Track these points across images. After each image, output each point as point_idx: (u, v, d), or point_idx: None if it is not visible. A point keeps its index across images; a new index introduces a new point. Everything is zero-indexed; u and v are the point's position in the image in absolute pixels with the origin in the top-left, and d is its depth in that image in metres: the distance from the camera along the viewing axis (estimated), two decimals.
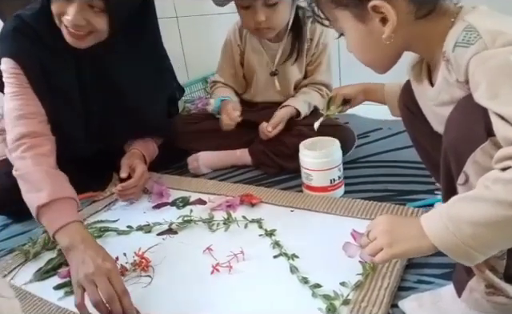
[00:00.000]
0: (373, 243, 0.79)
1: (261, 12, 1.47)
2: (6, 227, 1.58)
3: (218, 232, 1.31)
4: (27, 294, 1.16)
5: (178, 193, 1.55)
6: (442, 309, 0.90)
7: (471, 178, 0.72)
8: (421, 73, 0.91)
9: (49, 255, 1.30)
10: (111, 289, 0.97)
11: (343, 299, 0.98)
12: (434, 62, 0.84)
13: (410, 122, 1.06)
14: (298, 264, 1.11)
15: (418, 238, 0.73)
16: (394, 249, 0.76)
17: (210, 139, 1.71)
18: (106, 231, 1.38)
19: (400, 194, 1.33)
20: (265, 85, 1.72)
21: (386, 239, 0.77)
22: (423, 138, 1.03)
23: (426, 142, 1.03)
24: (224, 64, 1.75)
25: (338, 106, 1.31)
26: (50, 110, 1.37)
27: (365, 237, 0.83)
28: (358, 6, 0.80)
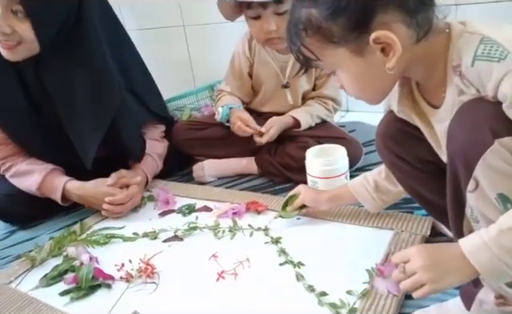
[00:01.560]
0: (412, 278, 0.75)
1: (271, 21, 1.47)
2: (12, 234, 1.58)
3: (223, 239, 1.30)
4: (33, 300, 1.16)
5: (183, 200, 1.55)
6: None
7: (481, 183, 0.71)
8: (414, 102, 0.90)
9: (55, 262, 1.30)
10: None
11: (350, 308, 0.97)
12: (435, 81, 0.81)
13: (399, 168, 1.02)
14: (303, 272, 1.11)
15: (462, 269, 0.72)
16: (440, 284, 0.74)
17: (216, 147, 1.71)
18: (111, 238, 1.38)
19: (407, 202, 1.31)
20: (273, 96, 1.71)
21: (429, 275, 0.74)
22: (415, 182, 1.01)
23: (419, 185, 1.01)
24: (231, 75, 1.74)
25: (295, 208, 1.28)
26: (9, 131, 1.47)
27: (397, 271, 0.79)
28: (356, 41, 0.76)
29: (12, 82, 1.43)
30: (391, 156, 1.01)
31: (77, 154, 1.50)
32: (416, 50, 0.78)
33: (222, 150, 1.71)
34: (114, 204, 1.47)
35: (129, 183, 1.52)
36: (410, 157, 0.98)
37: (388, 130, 1.00)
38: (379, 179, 1.15)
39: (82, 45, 1.41)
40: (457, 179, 0.77)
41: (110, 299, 1.12)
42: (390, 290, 0.88)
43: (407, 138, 0.96)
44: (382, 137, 1.02)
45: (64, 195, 1.50)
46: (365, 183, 1.17)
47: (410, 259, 0.76)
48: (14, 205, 1.56)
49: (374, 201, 1.18)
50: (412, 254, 0.77)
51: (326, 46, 0.79)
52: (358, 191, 1.19)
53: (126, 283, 1.17)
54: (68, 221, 1.56)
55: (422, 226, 1.19)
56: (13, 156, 1.52)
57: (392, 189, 1.14)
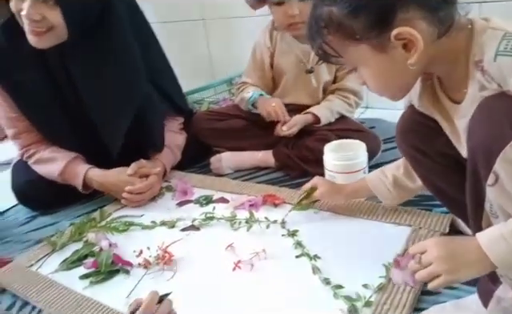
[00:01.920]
0: (428, 269, 0.76)
1: (294, 6, 1.49)
2: (33, 219, 1.62)
3: (240, 231, 1.31)
4: (53, 283, 1.19)
5: (201, 191, 1.57)
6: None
7: (501, 177, 0.71)
8: (435, 97, 0.90)
9: (75, 246, 1.33)
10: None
11: (365, 301, 0.97)
12: (457, 77, 0.81)
13: (418, 162, 1.02)
14: (319, 265, 1.11)
15: (479, 261, 0.72)
16: (455, 276, 0.74)
17: (234, 138, 1.73)
18: (130, 226, 1.41)
19: (426, 199, 1.31)
20: (294, 85, 1.71)
21: (444, 266, 0.74)
22: (435, 176, 1.01)
23: (439, 179, 1.01)
24: (252, 66, 1.76)
25: (311, 201, 1.29)
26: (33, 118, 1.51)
27: (413, 262, 0.80)
28: (377, 37, 0.76)
29: (38, 69, 1.46)
30: (411, 150, 1.01)
31: (99, 143, 1.54)
32: (438, 46, 0.78)
33: (241, 142, 1.73)
34: (133, 193, 1.50)
35: (148, 174, 1.54)
36: (430, 151, 0.98)
37: (409, 124, 1.00)
38: (398, 174, 1.15)
39: (109, 35, 1.44)
40: (477, 174, 0.77)
41: (128, 285, 1.14)
42: (406, 281, 0.88)
43: (428, 131, 0.95)
44: (403, 130, 1.02)
45: (85, 182, 1.53)
46: (383, 177, 1.17)
47: (426, 251, 0.77)
48: (35, 191, 1.60)
49: (391, 196, 1.18)
50: (429, 245, 0.77)
51: (348, 43, 0.79)
52: (376, 186, 1.19)
53: (143, 269, 1.19)
54: (88, 208, 1.59)
55: (440, 223, 1.18)
56: (36, 143, 1.56)
57: (410, 185, 1.14)
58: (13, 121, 1.53)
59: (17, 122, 1.53)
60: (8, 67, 1.45)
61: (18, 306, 1.16)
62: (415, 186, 1.14)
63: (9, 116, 1.52)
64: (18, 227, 1.58)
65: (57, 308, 1.09)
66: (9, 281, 1.22)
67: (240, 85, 1.79)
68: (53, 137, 1.56)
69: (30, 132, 1.54)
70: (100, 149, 1.54)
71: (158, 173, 1.56)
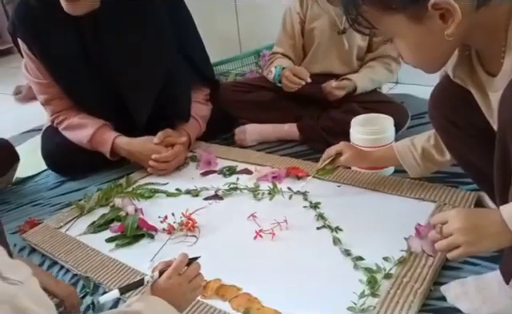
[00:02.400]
0: (448, 239, 0.76)
1: None
2: (61, 184, 1.67)
3: (262, 201, 1.32)
4: (81, 244, 1.23)
5: (225, 162, 1.58)
6: (488, 297, 0.87)
7: None
8: (471, 69, 0.87)
9: (102, 211, 1.37)
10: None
11: (385, 273, 0.97)
12: (494, 49, 0.79)
13: (450, 133, 1.01)
14: (341, 237, 1.11)
15: (500, 234, 0.72)
16: (475, 247, 0.74)
17: (261, 111, 1.72)
18: (155, 193, 1.43)
19: (452, 176, 1.29)
20: (325, 52, 1.68)
21: (465, 238, 0.74)
22: (466, 149, 0.99)
23: (469, 152, 0.99)
24: (283, 35, 1.73)
25: (334, 167, 1.28)
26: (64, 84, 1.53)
27: (434, 232, 0.79)
28: (414, 8, 0.74)
29: (70, 36, 1.48)
30: (443, 121, 1.00)
31: (127, 112, 1.56)
32: (476, 17, 0.75)
33: (267, 114, 1.72)
34: (159, 161, 1.52)
35: (174, 143, 1.56)
36: (462, 122, 0.96)
37: (443, 95, 0.98)
38: (427, 146, 1.14)
39: (140, 4, 1.47)
40: (506, 147, 0.75)
41: (153, 249, 1.17)
42: (425, 249, 0.88)
43: (462, 103, 0.93)
44: (436, 100, 1.01)
45: (113, 149, 1.56)
46: (412, 148, 1.16)
47: (448, 221, 0.76)
48: (64, 157, 1.64)
49: (418, 168, 1.17)
50: (451, 216, 0.77)
51: (384, 13, 0.78)
52: (404, 157, 1.18)
53: (167, 234, 1.22)
54: (114, 175, 1.63)
55: (466, 200, 1.16)
56: (67, 110, 1.60)
57: (438, 158, 1.13)
58: (44, 87, 1.56)
59: (48, 88, 1.56)
60: (41, 33, 1.48)
61: (47, 265, 1.21)
62: (443, 159, 1.13)
63: (41, 82, 1.56)
64: (48, 191, 1.63)
65: (84, 268, 1.13)
66: (38, 241, 1.27)
67: (271, 56, 1.77)
68: (83, 104, 1.59)
69: (61, 99, 1.58)
70: (128, 118, 1.56)
71: (183, 143, 1.58)
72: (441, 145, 1.11)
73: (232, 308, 0.96)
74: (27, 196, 1.62)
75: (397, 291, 0.92)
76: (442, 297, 0.92)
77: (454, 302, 0.90)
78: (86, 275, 1.11)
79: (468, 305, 0.88)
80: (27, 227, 1.34)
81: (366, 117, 1.40)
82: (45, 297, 0.62)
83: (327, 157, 1.27)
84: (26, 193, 1.65)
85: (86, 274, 1.12)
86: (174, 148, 1.56)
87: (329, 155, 1.26)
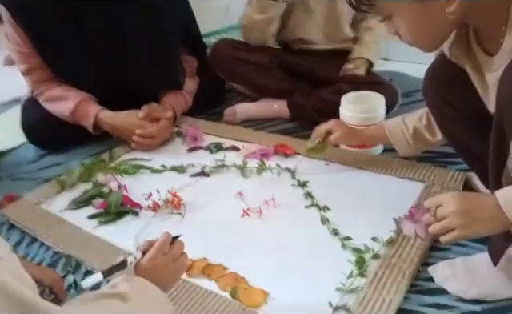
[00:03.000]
0: (442, 222, 0.75)
1: None
2: (42, 158, 1.61)
3: (250, 179, 1.30)
4: (62, 221, 1.20)
5: (212, 138, 1.55)
6: (476, 278, 0.87)
7: None
8: (468, 48, 0.86)
9: (84, 187, 1.33)
10: None
11: (373, 253, 0.97)
12: (494, 28, 0.77)
13: (444, 113, 0.99)
14: (329, 216, 1.10)
15: (495, 219, 0.71)
16: (469, 231, 0.73)
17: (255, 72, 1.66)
18: (140, 169, 1.40)
19: (441, 156, 1.28)
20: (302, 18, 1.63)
21: (460, 221, 0.73)
22: (459, 129, 0.98)
23: (463, 132, 0.98)
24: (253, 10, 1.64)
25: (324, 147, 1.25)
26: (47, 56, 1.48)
27: (428, 215, 0.78)
28: None
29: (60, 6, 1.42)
30: (438, 100, 0.98)
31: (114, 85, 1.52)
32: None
33: (260, 79, 1.66)
34: (144, 137, 1.48)
35: (159, 117, 1.52)
36: (456, 102, 0.95)
37: (438, 73, 0.97)
38: (419, 126, 1.13)
39: None
40: (502, 129, 0.74)
41: (137, 226, 1.14)
42: (418, 233, 0.87)
43: (457, 83, 0.92)
44: (431, 79, 0.99)
45: (96, 123, 1.51)
46: (403, 127, 1.15)
47: (442, 205, 0.75)
48: (45, 130, 1.59)
49: (408, 147, 1.16)
50: (445, 199, 0.75)
51: None
52: (395, 136, 1.17)
53: (152, 212, 1.19)
54: (97, 149, 1.58)
55: (454, 180, 1.16)
56: (48, 81, 1.54)
57: (429, 138, 1.12)
58: (25, 56, 1.50)
59: (29, 57, 1.49)
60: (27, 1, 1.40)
61: (26, 242, 1.17)
62: (434, 139, 1.12)
63: (22, 51, 1.49)
64: (27, 165, 1.58)
65: (65, 246, 1.10)
66: (17, 217, 1.23)
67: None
68: (67, 76, 1.52)
69: (43, 69, 1.51)
70: (113, 91, 1.52)
71: (169, 117, 1.54)
72: (432, 125, 1.10)
73: (219, 288, 0.94)
74: (5, 170, 1.56)
75: (385, 271, 0.92)
76: (429, 278, 0.92)
77: (442, 283, 0.90)
78: (68, 253, 1.08)
79: (456, 286, 0.88)
80: (5, 203, 1.29)
81: (357, 94, 1.37)
82: (25, 275, 0.59)
83: (317, 136, 1.24)
84: (4, 167, 1.59)
85: (67, 252, 1.08)
86: (159, 123, 1.51)
87: (318, 134, 1.23)
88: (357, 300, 0.86)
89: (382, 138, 1.21)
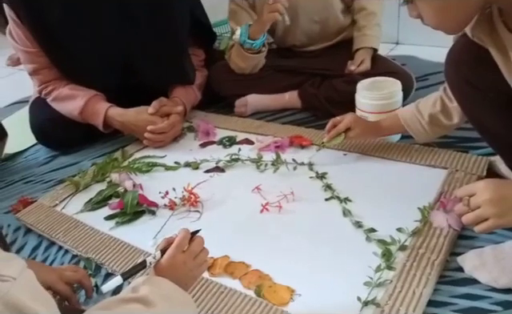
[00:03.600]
0: (476, 211, 0.72)
1: None
2: (53, 159, 1.60)
3: (266, 172, 1.28)
4: (79, 223, 1.18)
5: (224, 132, 1.52)
6: (506, 267, 0.84)
7: None
8: (492, 28, 0.82)
9: (99, 187, 1.31)
10: None
11: (400, 245, 0.94)
12: None
13: (467, 95, 0.96)
14: (350, 208, 1.08)
15: None
16: (505, 219, 0.71)
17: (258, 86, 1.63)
18: (154, 166, 1.38)
19: (461, 141, 1.25)
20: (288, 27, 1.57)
21: (495, 209, 0.71)
22: (483, 111, 0.95)
23: (487, 115, 0.95)
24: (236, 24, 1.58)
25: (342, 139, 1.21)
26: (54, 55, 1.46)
27: (461, 205, 0.76)
28: None
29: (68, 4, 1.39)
30: (461, 82, 0.95)
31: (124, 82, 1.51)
32: None
33: (266, 87, 1.63)
34: (155, 133, 1.46)
35: (170, 112, 1.49)
36: (480, 84, 0.91)
37: (460, 55, 0.94)
38: (434, 112, 1.10)
39: None
40: None
41: (155, 226, 1.12)
42: (451, 224, 0.84)
43: (480, 64, 0.89)
44: (455, 61, 0.96)
45: (105, 121, 1.49)
46: (419, 116, 1.12)
47: (476, 193, 0.72)
48: (55, 130, 1.56)
49: (425, 134, 1.14)
50: (479, 188, 0.73)
51: None
52: (411, 125, 1.14)
53: (169, 210, 1.17)
54: (108, 148, 1.56)
55: (477, 166, 1.13)
56: (56, 80, 1.51)
57: (446, 122, 1.10)
58: (32, 56, 1.47)
59: (37, 57, 1.47)
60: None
61: (44, 246, 1.16)
62: (451, 123, 1.10)
63: (29, 51, 1.46)
64: (39, 167, 1.56)
65: (84, 249, 1.09)
66: (34, 221, 1.21)
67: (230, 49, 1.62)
68: (75, 74, 1.50)
69: (50, 68, 1.49)
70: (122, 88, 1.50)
71: (179, 112, 1.51)
72: (448, 109, 1.08)
73: (243, 286, 0.92)
74: (18, 173, 1.55)
75: (413, 263, 0.89)
76: (459, 268, 0.89)
77: (472, 273, 0.87)
78: (87, 255, 1.07)
79: (486, 275, 0.85)
80: (21, 206, 1.28)
81: (373, 81, 1.33)
82: (42, 291, 0.58)
83: (336, 133, 1.20)
84: (16, 169, 1.58)
85: (86, 254, 1.07)
86: (169, 118, 1.49)
87: (337, 131, 1.20)
88: (386, 294, 0.84)
89: (399, 128, 1.18)
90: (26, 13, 1.39)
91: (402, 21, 2.05)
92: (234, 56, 1.59)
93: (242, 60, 1.58)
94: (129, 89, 1.52)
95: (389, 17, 2.00)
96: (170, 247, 0.78)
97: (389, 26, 2.03)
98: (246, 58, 1.56)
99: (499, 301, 0.82)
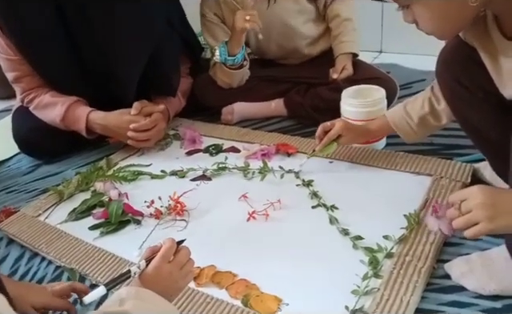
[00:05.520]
0: (466, 216, 0.72)
1: None
2: (37, 168, 1.57)
3: (253, 181, 1.27)
4: (63, 233, 1.16)
5: (210, 140, 1.51)
6: (494, 274, 0.85)
7: None
8: (485, 31, 0.84)
9: (83, 196, 1.29)
10: None
11: (387, 252, 0.95)
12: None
13: (458, 96, 0.97)
14: (337, 215, 1.08)
15: None
16: (495, 223, 0.70)
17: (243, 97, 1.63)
18: (139, 175, 1.36)
19: (446, 148, 1.26)
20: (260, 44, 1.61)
21: (486, 213, 0.70)
22: (473, 112, 0.96)
23: (477, 116, 0.96)
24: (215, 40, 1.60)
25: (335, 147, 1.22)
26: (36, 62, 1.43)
27: (453, 209, 0.75)
28: None
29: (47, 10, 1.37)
30: (452, 82, 0.96)
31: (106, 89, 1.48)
32: None
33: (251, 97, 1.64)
34: (138, 131, 1.42)
35: (152, 112, 1.46)
36: (472, 85, 0.93)
37: (452, 55, 0.95)
38: (423, 114, 1.11)
39: None
40: None
41: (140, 235, 1.11)
42: (442, 229, 0.84)
43: (472, 65, 0.90)
44: (446, 61, 0.97)
45: (88, 126, 1.46)
46: (407, 119, 1.13)
47: (468, 198, 0.72)
48: (38, 139, 1.54)
49: (415, 135, 1.15)
50: (471, 193, 0.73)
51: None
52: (400, 127, 1.15)
53: (155, 219, 1.15)
54: (93, 157, 1.54)
55: (462, 172, 1.14)
56: (37, 88, 1.49)
57: (434, 123, 1.11)
58: (15, 63, 1.44)
59: (19, 65, 1.44)
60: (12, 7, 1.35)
61: (27, 257, 1.13)
62: (439, 124, 1.11)
63: (11, 58, 1.43)
64: (22, 177, 1.53)
65: (68, 259, 1.07)
66: (16, 231, 1.19)
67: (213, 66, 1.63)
68: (56, 82, 1.48)
69: (33, 76, 1.47)
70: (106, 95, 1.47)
71: (161, 110, 1.48)
72: (436, 110, 1.09)
73: (230, 296, 0.91)
74: (0, 183, 1.51)
75: (400, 271, 0.90)
76: (445, 275, 0.90)
77: (459, 280, 0.88)
78: (71, 266, 1.05)
79: (474, 282, 0.86)
80: (3, 217, 1.25)
81: (357, 89, 1.34)
82: None
83: (327, 141, 1.20)
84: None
85: (70, 265, 1.05)
86: (152, 116, 1.45)
87: (329, 139, 1.20)
88: (373, 303, 0.84)
89: (388, 130, 1.19)
90: (5, 21, 1.37)
91: (385, 29, 2.08)
92: (219, 74, 1.60)
93: (227, 77, 1.59)
94: (111, 96, 1.49)
95: (372, 25, 2.03)
96: (156, 257, 0.77)
97: (372, 35, 2.06)
98: (230, 75, 1.58)
99: (486, 308, 0.83)
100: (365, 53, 1.60)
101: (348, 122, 1.24)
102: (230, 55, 1.53)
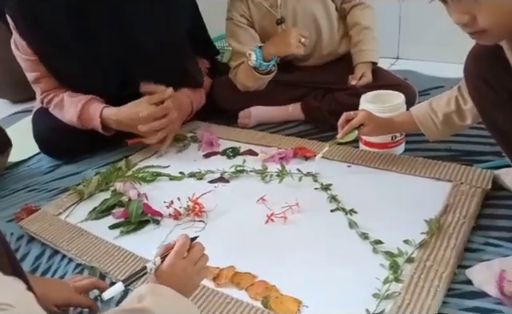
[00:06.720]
0: None
1: None
2: (57, 168, 1.59)
3: (271, 184, 1.28)
4: (83, 232, 1.17)
5: (227, 143, 1.52)
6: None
7: None
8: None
9: (103, 196, 1.31)
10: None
11: (407, 257, 0.94)
12: None
13: (483, 94, 0.97)
14: (356, 220, 1.08)
15: None
16: None
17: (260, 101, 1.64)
18: (158, 176, 1.38)
19: (465, 154, 1.26)
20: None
21: None
22: (498, 112, 0.95)
23: (501, 116, 0.95)
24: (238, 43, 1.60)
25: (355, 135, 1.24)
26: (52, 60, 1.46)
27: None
28: None
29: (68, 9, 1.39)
30: (479, 80, 0.96)
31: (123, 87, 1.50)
32: None
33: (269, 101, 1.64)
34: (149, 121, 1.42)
35: (162, 99, 1.44)
36: (498, 85, 0.92)
37: (482, 52, 0.94)
38: (448, 112, 1.11)
39: None
40: None
41: (159, 235, 1.12)
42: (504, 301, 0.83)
43: (500, 64, 0.89)
44: (475, 58, 0.96)
45: (103, 122, 1.47)
46: (432, 115, 1.13)
47: None
48: (58, 139, 1.56)
49: (438, 133, 1.15)
50: None
51: None
52: (424, 124, 1.15)
53: (174, 220, 1.17)
54: (112, 158, 1.56)
55: (482, 179, 1.13)
56: (56, 89, 1.51)
57: (458, 122, 1.11)
58: (33, 64, 1.47)
59: (37, 65, 1.47)
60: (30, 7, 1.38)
61: (48, 255, 1.15)
62: (463, 124, 1.11)
63: (30, 59, 1.46)
64: (43, 176, 1.55)
65: (88, 258, 1.08)
66: (37, 230, 1.21)
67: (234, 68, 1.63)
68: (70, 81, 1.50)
69: (51, 77, 1.49)
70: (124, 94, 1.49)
71: (171, 94, 1.45)
72: (462, 109, 1.09)
73: (249, 297, 0.92)
74: (21, 181, 1.54)
75: (421, 275, 0.89)
76: (467, 281, 0.89)
77: (481, 286, 0.87)
78: (91, 264, 1.06)
79: (496, 289, 0.85)
80: (24, 215, 1.27)
81: (376, 94, 1.34)
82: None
83: (349, 129, 1.21)
84: (20, 178, 1.57)
85: (90, 263, 1.06)
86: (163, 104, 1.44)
87: (350, 127, 1.21)
88: (394, 306, 0.84)
89: (411, 125, 1.19)
90: (22, 21, 1.40)
91: (402, 36, 2.07)
92: (242, 77, 1.60)
93: (253, 81, 1.59)
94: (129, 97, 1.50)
95: (389, 32, 2.03)
96: (170, 254, 0.78)
97: (389, 41, 2.05)
98: (257, 79, 1.58)
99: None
100: (381, 59, 1.59)
101: (371, 113, 1.23)
102: (265, 61, 1.53)
